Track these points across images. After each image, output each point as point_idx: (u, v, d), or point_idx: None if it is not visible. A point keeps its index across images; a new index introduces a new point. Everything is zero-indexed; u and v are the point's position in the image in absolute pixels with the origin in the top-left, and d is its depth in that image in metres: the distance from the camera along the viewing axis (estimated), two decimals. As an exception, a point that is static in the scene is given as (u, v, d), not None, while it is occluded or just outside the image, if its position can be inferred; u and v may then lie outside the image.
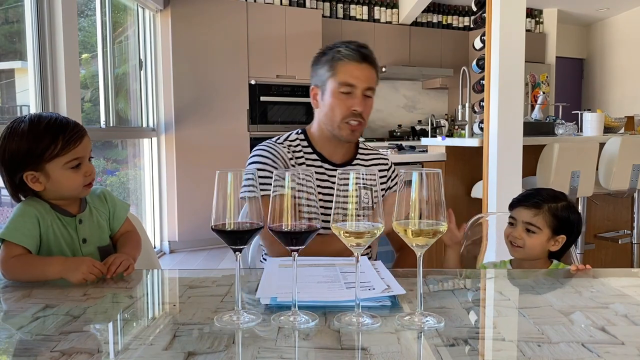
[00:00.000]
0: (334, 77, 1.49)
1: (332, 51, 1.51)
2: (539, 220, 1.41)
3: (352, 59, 1.48)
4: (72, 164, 1.18)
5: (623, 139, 3.18)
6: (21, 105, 3.05)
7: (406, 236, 0.84)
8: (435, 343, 0.77)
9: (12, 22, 2.97)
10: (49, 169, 1.17)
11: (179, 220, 4.77)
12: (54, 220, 1.20)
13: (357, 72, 1.47)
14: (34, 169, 1.16)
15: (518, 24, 2.91)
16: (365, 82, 1.48)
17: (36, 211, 1.18)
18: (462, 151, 3.46)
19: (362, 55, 1.48)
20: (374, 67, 1.52)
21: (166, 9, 4.67)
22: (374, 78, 1.52)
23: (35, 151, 1.15)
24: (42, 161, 1.16)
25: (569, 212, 1.44)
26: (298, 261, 0.87)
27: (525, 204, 1.44)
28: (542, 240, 1.41)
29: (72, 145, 1.17)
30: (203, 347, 0.75)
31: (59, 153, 1.16)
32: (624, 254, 3.65)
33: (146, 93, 4.67)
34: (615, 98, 7.17)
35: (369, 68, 1.50)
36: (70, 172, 1.18)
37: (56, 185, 1.18)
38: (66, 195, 1.21)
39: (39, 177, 1.17)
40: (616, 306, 0.93)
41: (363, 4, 6.06)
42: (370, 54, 1.51)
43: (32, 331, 0.82)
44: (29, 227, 1.16)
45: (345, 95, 1.47)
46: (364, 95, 1.49)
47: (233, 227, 0.86)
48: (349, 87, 1.47)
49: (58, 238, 1.19)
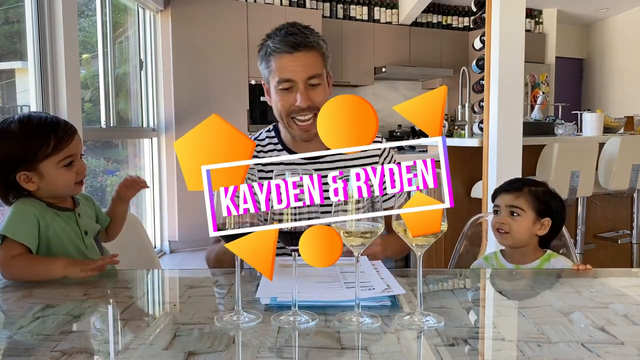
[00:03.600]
0: (272, 74, 1.36)
1: (265, 45, 1.37)
2: (521, 202, 1.44)
3: (282, 51, 1.32)
4: (65, 162, 1.19)
5: (623, 139, 3.18)
6: (21, 105, 3.05)
7: (406, 236, 0.84)
8: (435, 343, 0.77)
9: (12, 22, 2.97)
10: (42, 169, 1.17)
11: (179, 220, 4.77)
12: (53, 218, 1.20)
13: (290, 64, 1.32)
14: (28, 169, 1.17)
15: (518, 24, 2.92)
16: (304, 72, 1.32)
17: (35, 210, 1.18)
18: (462, 151, 3.46)
19: (291, 43, 1.31)
20: (314, 49, 1.34)
21: (166, 9, 4.67)
22: (316, 63, 1.34)
23: (29, 151, 1.16)
24: (35, 161, 1.16)
25: (551, 196, 1.48)
26: (298, 261, 0.87)
27: (507, 188, 1.49)
28: (527, 223, 1.43)
29: (65, 143, 1.18)
30: (203, 347, 0.75)
31: (52, 152, 1.17)
32: (623, 254, 3.65)
33: (146, 93, 4.67)
34: (615, 98, 7.17)
35: (305, 54, 1.32)
36: (63, 170, 1.19)
37: (50, 184, 1.19)
38: (59, 193, 1.22)
39: (32, 177, 1.18)
40: (616, 306, 0.93)
41: (363, 4, 6.06)
42: (304, 38, 1.32)
43: (32, 331, 0.82)
44: (29, 226, 1.16)
45: (287, 91, 1.35)
46: (308, 85, 1.34)
47: (233, 227, 0.85)
48: (288, 82, 1.33)
49: (59, 234, 1.19)
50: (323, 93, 1.36)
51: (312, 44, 1.33)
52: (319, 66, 1.35)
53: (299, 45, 1.31)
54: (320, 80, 1.35)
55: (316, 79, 1.34)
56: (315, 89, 1.35)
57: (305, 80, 1.33)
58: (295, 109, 1.35)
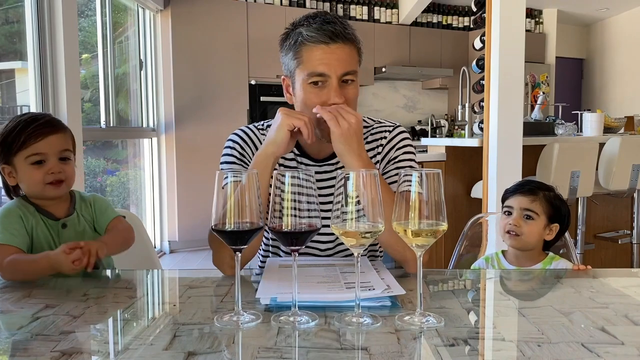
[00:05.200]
0: (301, 66, 1.20)
1: (294, 33, 1.21)
2: (537, 206, 1.43)
3: (318, 40, 1.17)
4: (32, 160, 1.19)
5: (623, 139, 3.18)
6: (21, 105, 3.05)
7: (406, 236, 0.84)
8: (435, 343, 0.77)
9: (12, 22, 2.97)
10: (15, 163, 1.20)
11: (179, 220, 4.77)
12: (37, 223, 1.21)
13: (326, 56, 1.17)
14: (7, 163, 1.21)
15: (518, 24, 2.92)
16: (340, 66, 1.18)
17: (19, 211, 1.20)
18: (462, 151, 3.46)
19: (330, 33, 1.16)
20: (351, 42, 1.20)
21: (166, 9, 4.67)
22: (352, 58, 1.20)
23: (6, 145, 1.20)
24: (10, 154, 1.20)
25: (560, 202, 1.48)
26: (298, 261, 0.87)
27: (522, 190, 1.46)
28: (539, 227, 1.43)
29: (33, 140, 1.19)
30: (203, 347, 0.75)
31: (20, 147, 1.19)
32: (623, 254, 3.65)
33: (146, 93, 4.67)
34: (615, 98, 7.17)
35: (342, 47, 1.18)
36: (31, 168, 1.20)
37: (22, 181, 1.22)
38: (30, 192, 1.23)
39: (11, 171, 1.21)
40: (616, 306, 0.93)
41: (363, 4, 6.06)
42: (343, 29, 1.18)
43: (32, 331, 0.82)
44: (16, 227, 1.17)
45: (317, 86, 1.19)
46: (342, 82, 1.19)
47: (233, 227, 0.85)
48: (321, 77, 1.18)
49: (41, 241, 1.20)
50: (355, 92, 1.23)
51: (350, 37, 1.20)
52: (355, 62, 1.22)
53: (338, 36, 1.17)
54: (355, 78, 1.22)
55: (351, 76, 1.20)
56: (349, 87, 1.21)
57: (340, 76, 1.18)
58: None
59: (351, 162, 1.14)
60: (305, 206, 0.84)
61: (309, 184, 0.85)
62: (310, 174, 0.85)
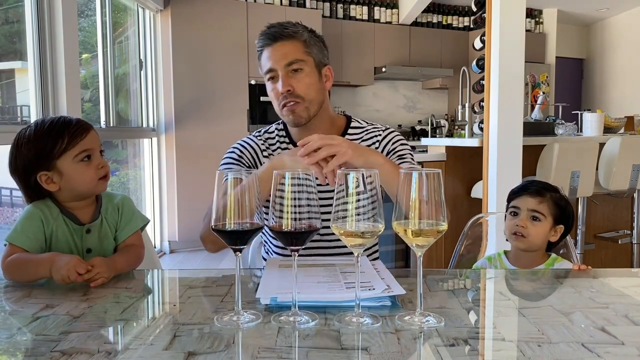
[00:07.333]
0: (260, 68, 1.43)
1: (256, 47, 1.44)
2: (544, 208, 1.42)
3: (264, 44, 1.39)
4: (81, 157, 1.18)
5: (623, 139, 3.18)
6: (21, 105, 3.05)
7: (406, 236, 0.84)
8: (435, 343, 0.77)
9: (12, 22, 2.97)
10: (60, 166, 1.17)
11: (179, 220, 4.77)
12: (59, 226, 1.19)
13: (272, 54, 1.37)
14: (47, 169, 1.17)
15: (518, 24, 2.92)
16: (282, 58, 1.36)
17: (41, 214, 1.17)
18: (462, 151, 3.46)
19: (271, 36, 1.37)
20: (292, 38, 1.38)
21: (166, 9, 4.67)
22: (294, 50, 1.37)
23: (44, 150, 1.16)
24: (52, 159, 1.16)
25: (566, 203, 1.47)
26: (298, 261, 0.87)
27: (529, 191, 1.44)
28: (545, 228, 1.42)
29: (79, 137, 1.18)
30: (203, 347, 0.75)
31: (66, 147, 1.16)
32: (624, 254, 3.65)
33: (146, 93, 4.67)
34: (615, 98, 7.17)
35: (284, 44, 1.37)
36: (81, 166, 1.18)
37: (70, 182, 1.18)
38: (82, 191, 1.20)
39: (53, 177, 1.17)
40: (616, 306, 0.93)
41: (363, 4, 6.06)
42: (282, 30, 1.38)
43: (32, 331, 0.82)
44: (34, 230, 1.16)
45: (272, 80, 1.39)
46: (290, 71, 1.36)
47: (233, 227, 0.85)
48: (271, 72, 1.38)
49: (62, 244, 1.19)
50: (306, 80, 1.38)
51: (289, 34, 1.37)
52: (299, 52, 1.37)
53: (277, 36, 1.37)
54: (302, 66, 1.37)
55: (296, 64, 1.37)
56: (296, 75, 1.37)
57: (285, 67, 1.36)
58: (281, 97, 1.38)
59: (375, 159, 1.22)
60: (306, 207, 0.84)
61: (309, 182, 0.85)
62: (310, 173, 0.86)
